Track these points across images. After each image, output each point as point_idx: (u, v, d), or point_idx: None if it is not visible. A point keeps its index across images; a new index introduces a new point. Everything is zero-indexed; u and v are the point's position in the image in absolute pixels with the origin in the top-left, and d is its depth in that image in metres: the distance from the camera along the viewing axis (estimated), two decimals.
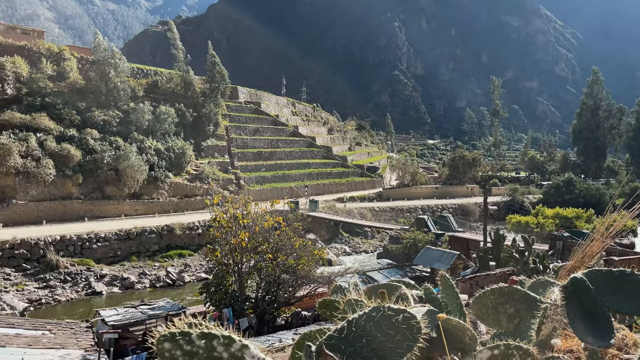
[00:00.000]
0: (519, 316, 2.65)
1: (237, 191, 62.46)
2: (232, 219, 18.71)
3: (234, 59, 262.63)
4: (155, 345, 1.55)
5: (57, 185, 48.16)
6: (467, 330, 2.70)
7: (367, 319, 1.67)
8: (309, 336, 2.10)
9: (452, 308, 3.24)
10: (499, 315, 2.63)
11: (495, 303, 2.62)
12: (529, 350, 2.17)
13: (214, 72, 71.55)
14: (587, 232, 42.16)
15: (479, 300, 2.67)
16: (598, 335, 2.64)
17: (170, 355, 1.53)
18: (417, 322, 1.73)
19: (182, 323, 1.63)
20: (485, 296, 2.64)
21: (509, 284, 2.81)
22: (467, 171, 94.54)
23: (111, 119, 56.67)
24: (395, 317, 1.68)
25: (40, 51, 58.49)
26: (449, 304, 3.28)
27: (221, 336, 1.53)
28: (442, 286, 3.23)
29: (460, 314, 3.14)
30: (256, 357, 1.53)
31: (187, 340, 1.52)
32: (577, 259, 8.59)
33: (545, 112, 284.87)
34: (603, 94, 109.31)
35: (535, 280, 3.20)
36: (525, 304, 2.63)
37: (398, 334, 1.65)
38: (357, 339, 1.64)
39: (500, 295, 2.62)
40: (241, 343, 1.55)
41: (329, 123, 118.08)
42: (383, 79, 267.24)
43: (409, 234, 34.21)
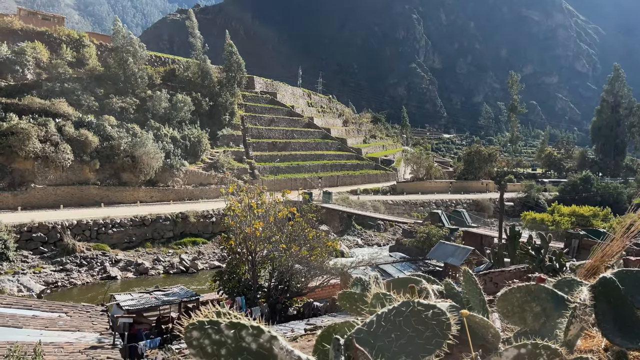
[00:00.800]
0: (545, 315, 2.61)
1: (252, 181, 62.71)
2: (246, 208, 18.79)
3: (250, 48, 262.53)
4: (184, 333, 1.54)
5: (74, 170, 48.78)
6: (490, 328, 2.66)
7: (396, 314, 1.64)
8: (333, 329, 2.08)
9: (474, 304, 3.20)
10: (524, 313, 2.59)
11: (522, 301, 2.58)
12: (558, 350, 2.12)
13: (231, 62, 71.66)
14: (604, 231, 41.58)
15: (504, 298, 2.62)
16: (627, 336, 2.59)
17: (198, 344, 1.52)
18: (447, 319, 1.70)
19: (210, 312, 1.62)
20: (511, 293, 2.59)
21: (537, 282, 2.76)
22: (483, 166, 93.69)
23: (128, 106, 57.16)
24: (425, 312, 1.65)
25: (61, 37, 59.09)
26: (470, 300, 3.23)
27: (250, 326, 1.51)
28: (465, 282, 3.19)
29: (483, 310, 3.10)
30: (284, 348, 1.51)
31: (216, 329, 1.51)
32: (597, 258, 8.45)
33: (565, 108, 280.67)
34: (624, 91, 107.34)
35: (561, 278, 3.14)
36: (552, 302, 2.58)
37: (427, 329, 1.62)
38: (386, 334, 1.62)
39: (527, 293, 2.58)
40: (270, 334, 1.53)
41: (344, 115, 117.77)
42: (400, 71, 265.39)
43: (423, 227, 34.07)
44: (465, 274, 3.24)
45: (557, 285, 2.92)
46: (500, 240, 22.87)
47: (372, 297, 2.26)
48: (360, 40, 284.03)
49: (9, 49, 53.06)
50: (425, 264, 23.18)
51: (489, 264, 20.44)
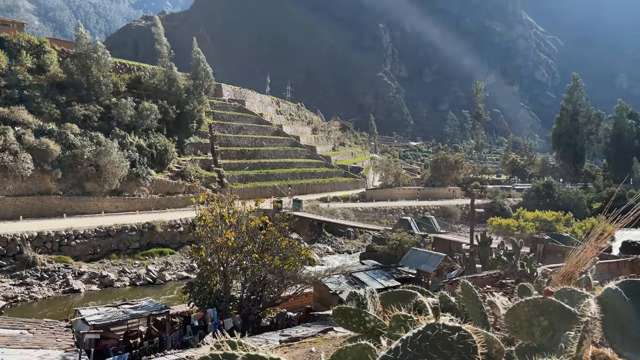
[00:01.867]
0: (552, 329, 2.53)
1: (220, 189, 61.88)
2: (217, 218, 18.42)
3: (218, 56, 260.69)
4: None
5: (35, 180, 47.10)
6: (494, 343, 2.57)
7: (422, 339, 1.52)
8: (345, 353, 1.94)
9: (473, 317, 3.11)
10: (532, 328, 2.51)
11: (529, 315, 2.50)
12: None
13: (199, 69, 70.86)
14: (567, 236, 42.78)
15: (512, 313, 2.54)
16: (636, 349, 2.53)
17: None
18: (473, 341, 1.59)
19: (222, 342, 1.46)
20: (519, 308, 2.51)
21: (544, 295, 2.69)
22: (450, 173, 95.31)
23: (92, 114, 55.68)
24: (451, 335, 1.54)
25: (20, 43, 57.17)
26: (470, 313, 3.14)
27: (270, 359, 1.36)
28: (464, 294, 3.10)
29: (484, 323, 3.01)
30: None
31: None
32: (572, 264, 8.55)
33: (526, 116, 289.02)
34: (582, 99, 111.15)
35: (560, 289, 3.08)
36: (560, 316, 2.51)
37: (454, 354, 1.51)
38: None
39: (535, 307, 2.50)
40: None
41: (313, 123, 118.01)
42: (367, 80, 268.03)
43: (395, 235, 34.26)
44: (464, 286, 3.15)
45: (557, 296, 2.87)
46: (471, 246, 23.17)
47: (392, 319, 2.13)
48: (328, 48, 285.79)
49: None
50: (398, 271, 23.24)
51: (461, 270, 20.65)
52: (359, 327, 2.88)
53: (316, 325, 14.83)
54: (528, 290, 5.04)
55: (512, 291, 11.77)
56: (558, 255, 34.94)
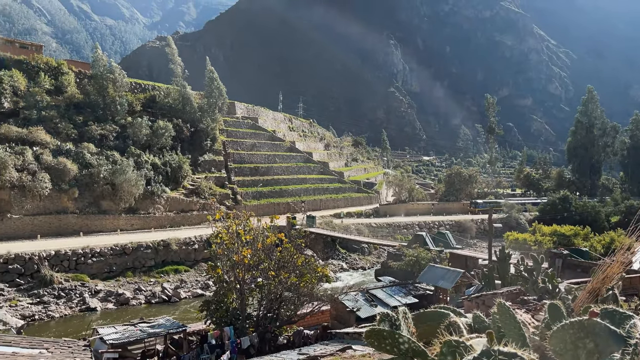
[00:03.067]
0: (598, 351, 2.45)
1: (234, 206, 62.06)
2: (234, 235, 18.42)
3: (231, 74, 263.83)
4: None
5: (52, 199, 47.69)
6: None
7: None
8: None
9: (510, 337, 3.02)
10: (578, 351, 2.43)
11: (575, 338, 2.42)
12: None
13: (212, 88, 71.66)
14: (586, 250, 42.05)
15: (557, 335, 2.46)
16: None
17: None
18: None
19: None
20: (564, 330, 2.43)
21: (590, 317, 2.61)
22: (464, 188, 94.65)
23: (108, 133, 56.46)
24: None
25: (39, 65, 58.43)
26: (506, 333, 3.06)
27: None
28: (500, 314, 3.02)
29: (523, 344, 2.93)
30: None
31: None
32: (598, 280, 8.37)
33: (540, 129, 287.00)
34: (597, 112, 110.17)
35: (601, 309, 2.99)
36: (606, 338, 2.43)
37: None
38: None
39: (580, 329, 2.42)
40: None
41: (326, 139, 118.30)
42: (379, 95, 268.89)
43: (412, 251, 33.94)
44: (500, 306, 3.07)
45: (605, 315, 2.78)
46: (490, 261, 22.83)
47: (443, 344, 2.08)
48: (340, 65, 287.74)
49: None
50: (415, 287, 22.96)
51: (479, 286, 20.34)
52: (393, 349, 2.82)
53: (334, 344, 14.65)
54: (558, 309, 4.89)
55: (535, 308, 11.53)
56: (578, 270, 34.33)
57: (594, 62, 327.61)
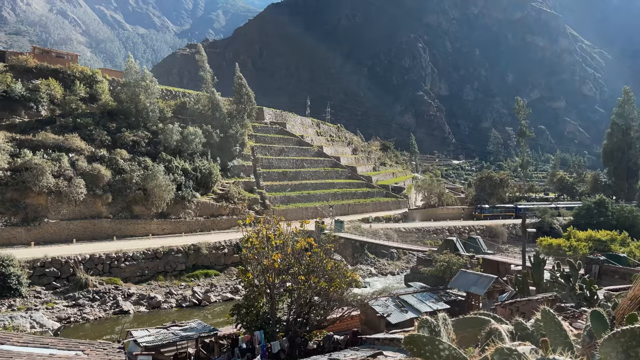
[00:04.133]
0: None
1: (263, 211, 62.48)
2: (264, 240, 18.52)
3: (259, 80, 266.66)
4: None
5: (87, 204, 48.94)
6: None
7: None
8: None
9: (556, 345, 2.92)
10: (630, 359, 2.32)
11: (626, 346, 2.32)
12: None
13: (241, 94, 72.44)
14: (624, 256, 40.69)
15: (608, 343, 2.36)
16: None
17: None
18: None
19: None
20: (615, 339, 2.34)
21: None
22: (495, 192, 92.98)
23: (140, 140, 57.67)
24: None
25: (74, 74, 60.22)
26: (552, 341, 2.95)
27: None
28: (544, 322, 2.93)
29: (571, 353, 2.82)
30: None
31: None
32: None
33: (573, 132, 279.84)
34: (634, 113, 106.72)
35: None
36: None
37: None
38: None
39: (632, 337, 2.32)
40: None
41: (353, 143, 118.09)
42: (407, 99, 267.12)
43: (443, 256, 33.48)
44: (545, 313, 2.98)
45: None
46: (524, 267, 22.29)
47: (495, 352, 2.02)
48: (367, 69, 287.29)
49: (23, 87, 54.08)
50: (447, 293, 22.59)
51: (512, 293, 19.89)
52: (433, 356, 2.76)
53: (364, 349, 14.54)
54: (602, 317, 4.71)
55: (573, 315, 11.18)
56: (615, 276, 33.23)
57: (630, 62, 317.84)
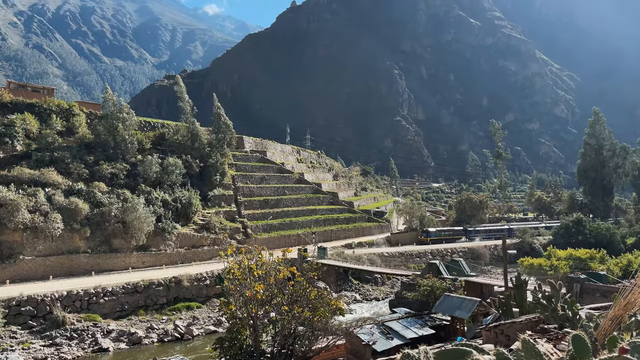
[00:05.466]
0: None
1: (245, 240, 61.95)
2: (246, 271, 18.28)
3: (239, 109, 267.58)
4: None
5: (64, 239, 47.89)
6: None
7: None
8: None
9: None
10: None
11: None
12: None
13: (220, 123, 72.53)
14: (604, 274, 41.22)
15: None
16: None
17: None
18: None
19: None
20: None
21: (620, 353, 2.53)
22: (475, 214, 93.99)
23: (119, 172, 57.04)
24: None
25: (50, 108, 59.69)
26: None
27: None
28: (525, 352, 2.94)
29: None
30: None
31: None
32: (620, 307, 8.13)
33: (548, 152, 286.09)
34: (605, 133, 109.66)
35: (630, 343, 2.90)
36: None
37: None
38: None
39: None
40: None
41: (334, 169, 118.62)
42: (385, 124, 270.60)
43: (426, 280, 33.47)
44: (525, 343, 2.99)
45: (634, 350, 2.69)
46: (506, 289, 22.39)
47: None
48: (345, 96, 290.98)
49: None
50: (432, 318, 22.52)
51: (496, 315, 19.89)
52: None
53: None
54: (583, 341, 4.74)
55: (556, 337, 11.21)
56: (596, 294, 33.57)
57: (599, 84, 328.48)
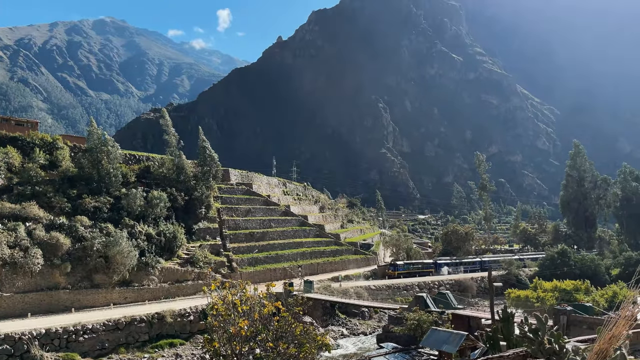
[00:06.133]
0: None
1: (230, 274, 61.05)
2: (230, 306, 17.97)
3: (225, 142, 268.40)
4: None
5: (44, 275, 46.72)
6: None
7: None
8: None
9: None
10: None
11: None
12: None
13: (205, 156, 72.45)
14: (590, 306, 41.30)
15: None
16: None
17: None
18: None
19: None
20: None
21: None
22: (461, 245, 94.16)
23: (102, 205, 56.29)
24: None
25: (34, 141, 59.17)
26: None
27: None
28: None
29: None
30: None
31: None
32: (605, 340, 8.11)
33: (532, 184, 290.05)
34: (586, 165, 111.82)
35: None
36: None
37: None
38: None
39: None
40: None
41: (320, 201, 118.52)
42: (371, 157, 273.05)
43: (413, 314, 33.13)
44: None
45: None
46: (493, 322, 22.25)
47: None
48: (331, 129, 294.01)
49: None
50: (419, 353, 22.21)
51: (484, 349, 19.70)
52: None
53: None
54: None
55: None
56: (583, 327, 33.53)
57: (579, 117, 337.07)
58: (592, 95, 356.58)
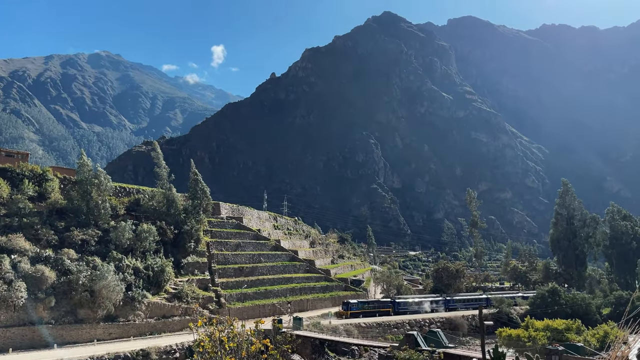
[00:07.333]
0: None
1: (218, 310, 59.99)
2: (217, 343, 17.59)
3: (216, 175, 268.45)
4: None
5: (27, 309, 45.63)
6: None
7: None
8: None
9: None
10: None
11: None
12: None
13: (197, 189, 72.33)
14: (581, 346, 40.94)
15: None
16: None
17: None
18: None
19: None
20: None
21: None
22: (452, 283, 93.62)
23: (90, 238, 55.65)
24: None
25: (23, 173, 58.83)
26: None
27: None
28: None
29: None
30: None
31: None
32: None
33: (522, 222, 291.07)
34: (575, 203, 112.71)
35: None
36: None
37: None
38: None
39: None
40: None
41: (311, 236, 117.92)
42: (362, 192, 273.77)
43: (403, 353, 32.62)
44: None
45: None
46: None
47: None
48: (322, 164, 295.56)
49: None
50: None
51: None
52: None
53: None
54: None
55: None
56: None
57: (567, 156, 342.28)
58: (579, 134, 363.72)
